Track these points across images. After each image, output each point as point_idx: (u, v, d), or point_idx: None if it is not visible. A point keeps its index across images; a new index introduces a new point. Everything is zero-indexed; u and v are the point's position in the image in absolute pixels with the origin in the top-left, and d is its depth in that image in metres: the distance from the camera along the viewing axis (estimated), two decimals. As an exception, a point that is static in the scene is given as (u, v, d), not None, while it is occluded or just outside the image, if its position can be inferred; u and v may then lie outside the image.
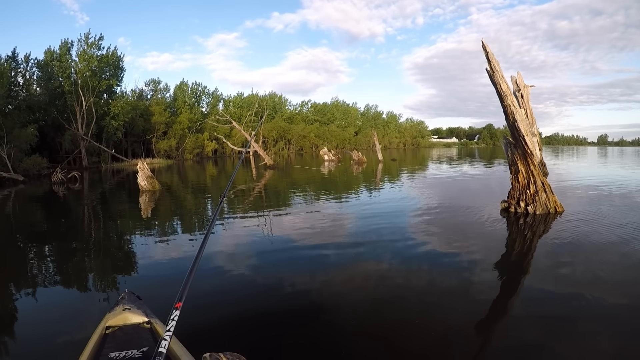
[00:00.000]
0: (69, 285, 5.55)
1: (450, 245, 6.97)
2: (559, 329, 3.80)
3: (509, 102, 9.19)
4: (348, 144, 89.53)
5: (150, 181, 16.38)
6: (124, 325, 2.69)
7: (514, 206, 9.59)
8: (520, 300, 4.65)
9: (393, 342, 3.66)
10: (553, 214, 9.18)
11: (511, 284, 5.27)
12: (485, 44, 9.22)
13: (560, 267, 5.68)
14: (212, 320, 4.13)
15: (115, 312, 2.79)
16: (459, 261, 6.01)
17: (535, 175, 9.29)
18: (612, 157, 44.49)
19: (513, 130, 9.31)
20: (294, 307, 4.46)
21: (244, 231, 8.62)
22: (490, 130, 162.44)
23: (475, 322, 4.04)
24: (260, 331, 3.92)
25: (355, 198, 13.43)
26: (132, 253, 7.29)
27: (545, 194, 9.31)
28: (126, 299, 3.01)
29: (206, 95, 70.01)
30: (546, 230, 8.03)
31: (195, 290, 4.76)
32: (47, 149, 39.88)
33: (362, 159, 35.90)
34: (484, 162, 34.90)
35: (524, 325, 3.92)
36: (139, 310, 2.81)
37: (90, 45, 43.03)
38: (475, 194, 14.18)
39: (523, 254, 6.65)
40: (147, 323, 2.72)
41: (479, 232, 7.94)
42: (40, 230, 9.99)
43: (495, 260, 6.19)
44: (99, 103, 43.79)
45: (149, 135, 52.60)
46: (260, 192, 16.22)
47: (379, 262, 6.05)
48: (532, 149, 9.40)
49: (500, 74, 9.24)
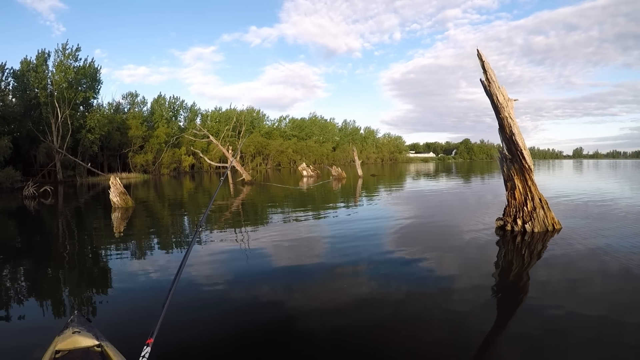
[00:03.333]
0: (18, 306, 5.41)
1: (444, 267, 6.70)
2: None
3: (506, 114, 8.90)
4: (326, 159, 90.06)
5: (123, 197, 16.15)
6: (74, 349, 2.58)
7: (510, 224, 9.22)
8: (531, 328, 4.33)
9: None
10: (551, 231, 8.89)
11: (514, 308, 5.06)
12: (481, 53, 8.98)
13: (569, 290, 5.47)
14: (186, 338, 4.09)
15: (65, 335, 2.69)
16: (456, 285, 5.76)
17: (532, 191, 9.00)
18: (591, 170, 45.65)
19: (510, 144, 9.00)
20: (269, 326, 4.45)
21: (220, 248, 8.57)
22: (467, 145, 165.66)
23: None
24: (237, 350, 3.92)
25: (341, 215, 13.34)
26: (92, 274, 7.07)
27: (543, 210, 9.02)
28: (75, 322, 2.91)
29: (184, 109, 69.96)
30: (546, 249, 7.74)
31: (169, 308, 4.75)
32: (21, 162, 39.19)
33: (342, 174, 35.91)
34: (463, 177, 35.30)
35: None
36: (89, 333, 2.71)
37: (67, 56, 42.71)
38: (465, 210, 13.85)
39: (523, 277, 6.35)
40: (97, 346, 2.62)
41: (475, 253, 7.63)
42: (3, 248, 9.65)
43: (493, 282, 6.03)
44: (75, 115, 43.33)
45: (126, 149, 52.09)
46: (238, 208, 16.23)
47: (372, 286, 5.86)
48: (530, 163, 9.01)
49: (496, 84, 8.94)
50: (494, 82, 8.98)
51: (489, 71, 9.00)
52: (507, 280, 6.25)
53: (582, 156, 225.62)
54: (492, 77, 8.99)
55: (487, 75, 9.00)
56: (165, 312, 2.21)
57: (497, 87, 8.97)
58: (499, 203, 14.64)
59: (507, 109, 8.95)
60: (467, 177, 35.33)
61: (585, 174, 38.68)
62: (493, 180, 29.38)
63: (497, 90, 8.95)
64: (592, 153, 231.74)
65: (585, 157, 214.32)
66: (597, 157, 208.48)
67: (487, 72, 9.01)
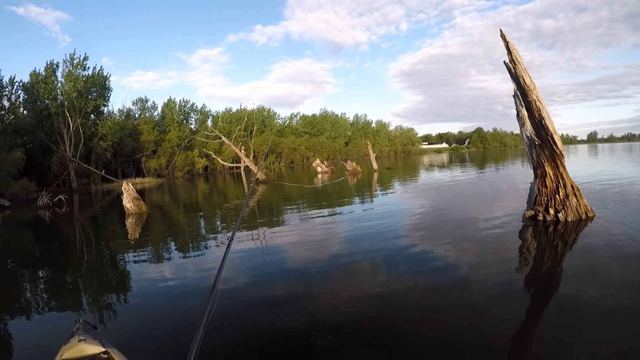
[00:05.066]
0: (25, 316, 5.45)
1: (475, 262, 6.33)
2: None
3: (534, 97, 8.37)
4: (339, 154, 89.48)
5: (137, 203, 15.83)
6: (80, 357, 2.60)
7: (542, 214, 8.72)
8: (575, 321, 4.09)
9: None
10: (585, 220, 8.40)
11: (556, 305, 4.64)
12: (505, 33, 8.49)
13: (612, 284, 5.03)
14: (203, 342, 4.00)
15: (71, 343, 2.69)
16: (490, 280, 5.45)
17: (564, 178, 8.50)
18: (609, 154, 44.52)
19: (539, 128, 8.49)
20: (290, 328, 4.28)
21: (239, 248, 8.33)
22: (479, 134, 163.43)
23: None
24: (258, 357, 3.82)
25: (365, 210, 12.98)
26: (104, 282, 6.94)
27: (576, 198, 8.54)
28: (81, 330, 2.91)
29: (194, 111, 69.69)
30: (584, 238, 7.32)
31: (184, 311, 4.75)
32: (36, 172, 39.32)
33: (357, 169, 35.27)
34: (477, 166, 34.68)
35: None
36: (95, 341, 2.72)
37: (75, 66, 42.70)
38: (491, 200, 13.35)
39: (562, 270, 5.95)
40: (104, 353, 2.63)
41: (507, 244, 7.28)
42: (13, 258, 9.72)
43: (534, 275, 5.72)
44: (87, 124, 43.34)
45: (139, 154, 52.10)
46: (254, 208, 15.87)
47: (405, 280, 5.71)
48: (561, 148, 8.46)
49: (522, 66, 8.44)
50: (520, 63, 8.55)
51: (514, 52, 8.58)
52: (549, 273, 5.89)
53: (596, 140, 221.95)
54: (518, 58, 8.56)
55: (513, 57, 8.59)
56: (202, 335, 2.06)
57: (523, 69, 8.48)
58: (521, 191, 14.23)
59: (535, 91, 8.47)
60: (481, 166, 34.72)
61: (602, 158, 37.63)
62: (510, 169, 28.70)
63: (523, 72, 8.45)
64: (607, 137, 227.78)
65: (600, 141, 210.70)
66: (612, 141, 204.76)
67: (512, 53, 8.61)
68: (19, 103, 41.65)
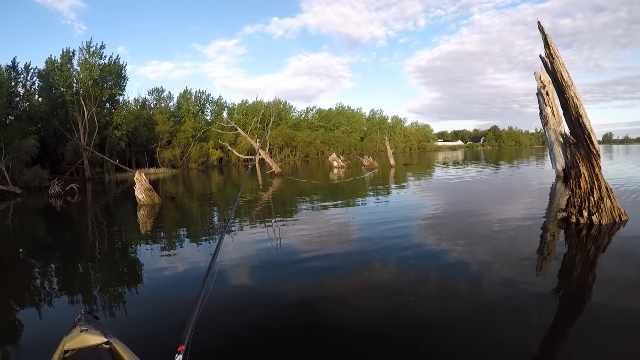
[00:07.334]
0: (26, 306, 5.43)
1: (508, 266, 5.89)
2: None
3: (572, 93, 7.90)
4: (354, 149, 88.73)
5: (149, 194, 15.29)
6: (82, 347, 2.58)
7: (575, 216, 8.23)
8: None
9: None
10: (618, 223, 7.90)
11: (595, 309, 4.37)
12: (542, 26, 7.96)
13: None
14: (216, 334, 4.01)
15: (73, 334, 2.70)
16: (523, 287, 5.01)
17: (600, 179, 8.02)
18: (627, 155, 43.15)
19: (576, 127, 8.01)
20: (302, 323, 4.26)
21: (250, 239, 8.06)
22: (495, 132, 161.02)
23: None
24: (265, 347, 3.77)
25: (386, 204, 12.60)
26: (108, 274, 6.73)
27: (610, 200, 8.05)
28: (83, 320, 2.93)
29: (210, 103, 69.37)
30: (620, 243, 6.83)
31: (189, 301, 4.54)
32: (49, 160, 39.21)
33: (374, 164, 34.57)
34: (493, 164, 33.75)
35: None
36: (97, 331, 2.71)
37: (92, 54, 42.53)
38: (517, 201, 12.54)
39: (600, 278, 5.45)
40: (106, 343, 2.61)
41: (540, 249, 6.85)
42: (19, 246, 9.52)
43: (566, 285, 5.18)
44: (102, 113, 43.14)
45: (153, 144, 51.83)
46: (269, 201, 15.16)
47: (432, 287, 5.27)
48: (597, 148, 7.98)
49: (560, 60, 7.91)
50: (558, 57, 8.03)
51: (552, 46, 7.98)
52: (583, 279, 5.50)
53: (611, 141, 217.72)
54: (556, 52, 8.05)
55: (550, 51, 8.04)
56: (197, 317, 2.12)
57: (561, 63, 7.97)
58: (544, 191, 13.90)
59: (573, 87, 7.98)
60: (496, 165, 33.80)
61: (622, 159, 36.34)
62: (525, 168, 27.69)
63: (561, 67, 7.95)
64: (622, 138, 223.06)
65: (615, 142, 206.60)
66: (627, 142, 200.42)
67: (550, 46, 8.00)
68: (34, 90, 41.61)
